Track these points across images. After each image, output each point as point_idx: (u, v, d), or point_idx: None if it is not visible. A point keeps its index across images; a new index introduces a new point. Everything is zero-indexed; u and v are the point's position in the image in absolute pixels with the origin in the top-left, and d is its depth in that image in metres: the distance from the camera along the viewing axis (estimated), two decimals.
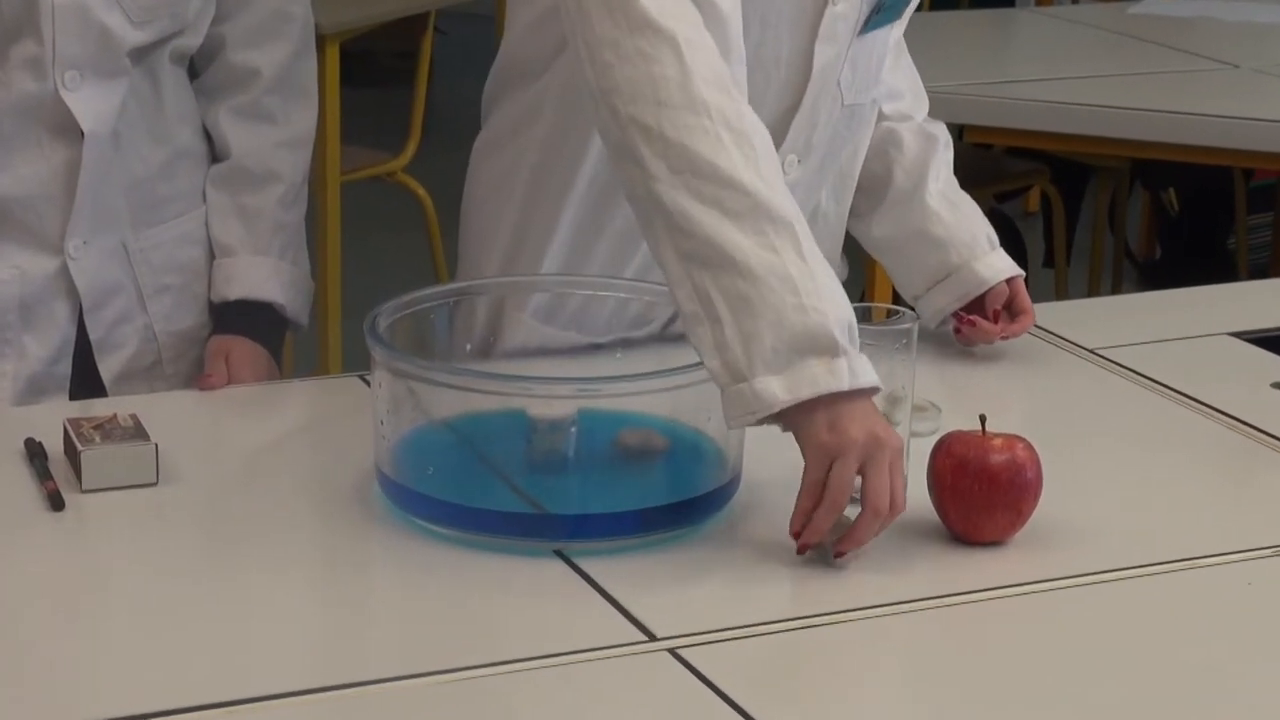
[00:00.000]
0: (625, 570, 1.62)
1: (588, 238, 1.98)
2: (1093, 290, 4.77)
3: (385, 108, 5.04)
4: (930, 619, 1.58)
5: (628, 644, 1.52)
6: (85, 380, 2.10)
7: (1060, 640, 1.55)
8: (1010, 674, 1.51)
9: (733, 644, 1.53)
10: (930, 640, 1.57)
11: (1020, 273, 2.12)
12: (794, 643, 1.54)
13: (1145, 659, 1.53)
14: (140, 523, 1.70)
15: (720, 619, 1.55)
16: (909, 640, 1.57)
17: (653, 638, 1.53)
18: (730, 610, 1.57)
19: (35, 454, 1.78)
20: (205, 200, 2.17)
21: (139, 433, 1.77)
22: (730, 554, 1.67)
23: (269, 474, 1.83)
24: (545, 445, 1.70)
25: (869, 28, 1.94)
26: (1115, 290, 4.81)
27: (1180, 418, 1.99)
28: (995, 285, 2.10)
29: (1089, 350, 2.16)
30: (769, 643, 1.54)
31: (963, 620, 1.59)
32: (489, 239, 2.03)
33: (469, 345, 1.94)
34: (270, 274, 2.17)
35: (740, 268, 1.63)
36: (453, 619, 1.56)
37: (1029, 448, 1.68)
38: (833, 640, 1.55)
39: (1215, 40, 4.06)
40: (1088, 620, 1.59)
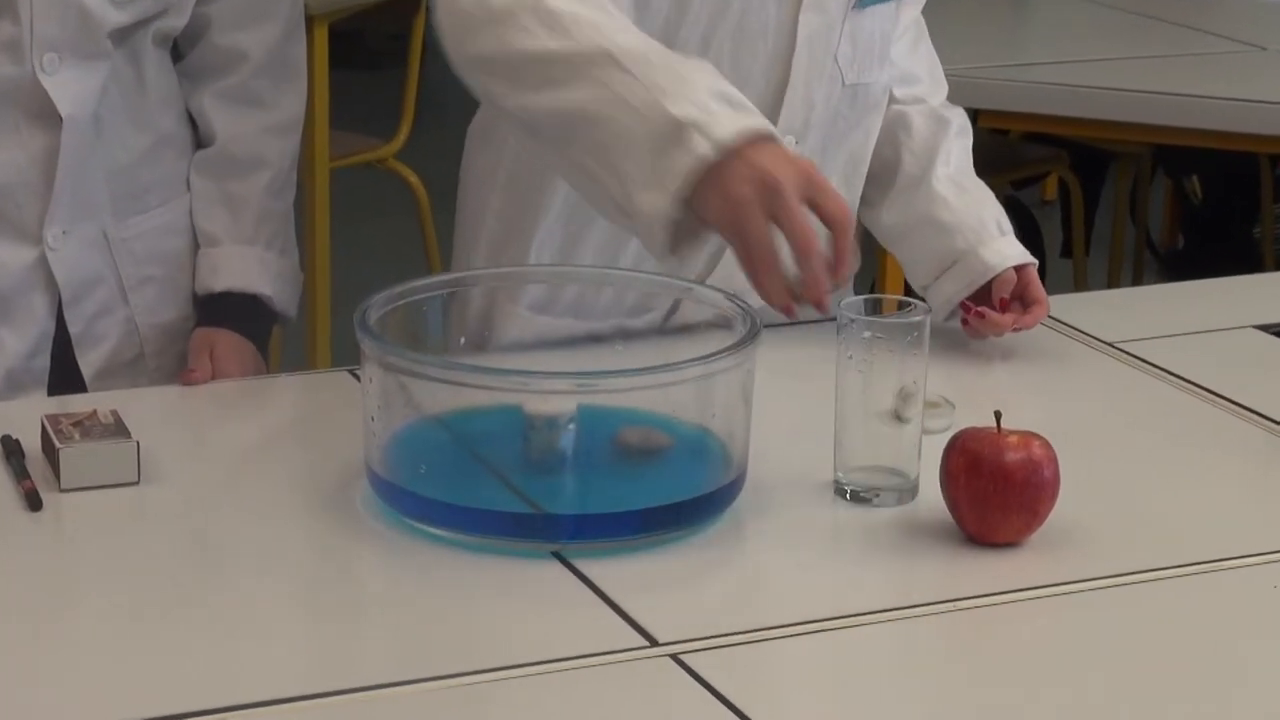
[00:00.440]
0: (626, 573, 1.61)
1: (579, 225, 1.99)
2: (1112, 281, 4.76)
3: (376, 91, 5.02)
4: (942, 623, 1.57)
5: (628, 649, 1.51)
6: (64, 375, 2.10)
7: (1077, 647, 1.54)
8: (1024, 683, 1.49)
9: (738, 649, 1.51)
10: (942, 646, 1.55)
11: (1032, 261, 2.10)
12: (802, 648, 1.53)
13: (1166, 666, 1.52)
14: (121, 523, 1.69)
15: (725, 624, 1.54)
16: (919, 646, 1.56)
17: (654, 643, 1.52)
18: (735, 615, 1.57)
19: (12, 452, 1.77)
20: (189, 188, 2.16)
21: (119, 430, 1.76)
22: (735, 556, 1.66)
23: (255, 473, 1.82)
24: (542, 442, 1.69)
25: (866, 1, 1.96)
26: (1136, 281, 4.82)
27: (1203, 414, 1.98)
28: (1002, 272, 2.07)
29: (1108, 344, 2.14)
30: (775, 648, 1.52)
31: (975, 625, 1.57)
32: (477, 226, 2.05)
33: (463, 338, 1.94)
34: (257, 264, 2.16)
35: (587, 120, 1.71)
36: (446, 623, 1.55)
37: (1046, 445, 1.66)
38: (841, 646, 1.53)
39: (1240, 21, 4.05)
40: (1105, 626, 1.57)
